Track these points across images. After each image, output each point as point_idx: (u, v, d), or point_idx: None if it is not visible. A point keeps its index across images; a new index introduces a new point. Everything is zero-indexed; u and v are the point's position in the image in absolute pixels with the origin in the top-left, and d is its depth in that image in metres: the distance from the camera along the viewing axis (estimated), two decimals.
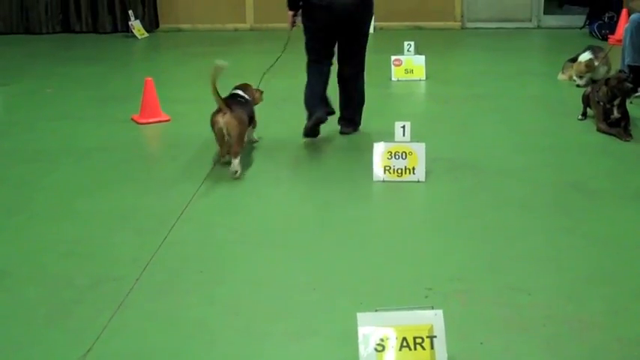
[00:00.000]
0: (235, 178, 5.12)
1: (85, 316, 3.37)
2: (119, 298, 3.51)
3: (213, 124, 5.30)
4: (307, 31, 5.95)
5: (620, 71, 6.34)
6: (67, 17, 12.10)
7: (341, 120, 6.27)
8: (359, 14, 5.83)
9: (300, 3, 5.88)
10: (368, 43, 6.03)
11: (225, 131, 5.21)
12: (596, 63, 7.55)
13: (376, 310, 2.82)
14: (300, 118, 6.23)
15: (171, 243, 4.13)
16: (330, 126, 6.36)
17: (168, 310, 3.43)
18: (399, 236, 4.22)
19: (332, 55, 6.06)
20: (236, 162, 5.15)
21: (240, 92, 5.73)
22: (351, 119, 6.24)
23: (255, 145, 5.91)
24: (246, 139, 5.49)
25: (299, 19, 6.01)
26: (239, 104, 5.46)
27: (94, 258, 3.97)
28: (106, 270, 3.81)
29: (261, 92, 6.10)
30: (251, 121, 5.70)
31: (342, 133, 6.21)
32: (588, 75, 7.52)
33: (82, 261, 3.93)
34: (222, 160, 5.42)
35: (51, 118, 6.85)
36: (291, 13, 5.97)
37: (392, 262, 3.88)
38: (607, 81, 6.04)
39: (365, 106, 6.19)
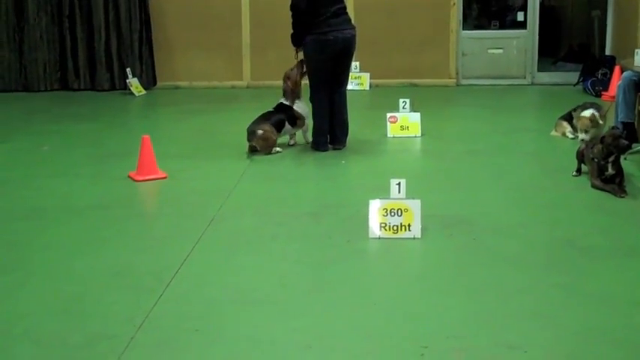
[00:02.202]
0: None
1: None
2: (114, 357, 3.49)
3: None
4: (315, 63, 7.28)
5: (614, 128, 6.39)
6: (65, 75, 12.20)
7: (333, 138, 7.56)
8: (352, 45, 7.34)
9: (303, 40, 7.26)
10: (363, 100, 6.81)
11: (253, 145, 7.37)
12: (600, 121, 7.55)
13: None
14: (296, 174, 6.28)
15: (166, 301, 4.11)
16: (326, 183, 6.41)
17: None
18: (394, 294, 4.21)
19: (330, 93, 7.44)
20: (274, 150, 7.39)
21: (283, 101, 7.57)
22: (342, 136, 7.58)
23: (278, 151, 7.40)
24: (292, 141, 7.83)
25: (301, 53, 7.42)
26: (269, 119, 7.42)
27: (89, 316, 3.95)
28: (101, 328, 3.79)
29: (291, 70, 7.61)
30: (294, 122, 7.57)
31: (335, 149, 7.52)
32: (593, 130, 7.48)
33: (76, 319, 3.91)
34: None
35: (47, 175, 6.88)
36: (294, 48, 7.39)
37: (388, 319, 3.87)
38: (602, 138, 6.08)
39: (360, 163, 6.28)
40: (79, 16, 12.05)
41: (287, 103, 7.59)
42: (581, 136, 7.52)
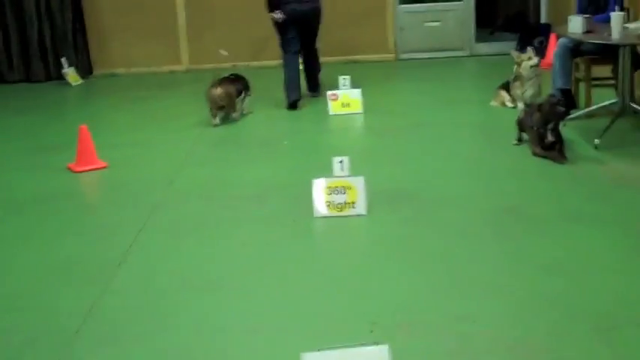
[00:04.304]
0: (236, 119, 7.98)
1: None
2: (58, 352, 3.42)
3: (207, 94, 7.70)
4: (281, 29, 8.55)
5: (551, 95, 6.44)
6: None
7: (309, 88, 8.99)
8: (312, 17, 8.60)
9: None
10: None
11: (218, 100, 7.68)
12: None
13: (320, 350, 2.78)
14: (239, 157, 6.23)
15: (111, 292, 4.05)
16: (270, 165, 6.38)
17: None
18: (341, 272, 4.20)
19: (299, 51, 8.63)
20: (234, 115, 7.92)
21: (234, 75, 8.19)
22: (315, 85, 9.03)
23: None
24: (238, 107, 8.03)
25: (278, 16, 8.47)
26: (229, 81, 7.93)
27: (32, 312, 3.87)
28: (45, 324, 3.71)
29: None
30: (244, 92, 8.10)
31: (311, 96, 8.89)
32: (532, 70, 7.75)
33: (19, 316, 3.83)
34: (213, 122, 7.72)
35: None
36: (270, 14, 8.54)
37: (335, 298, 3.86)
38: (540, 106, 6.13)
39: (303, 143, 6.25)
40: (8, 5, 11.76)
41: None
42: (509, 105, 7.84)
